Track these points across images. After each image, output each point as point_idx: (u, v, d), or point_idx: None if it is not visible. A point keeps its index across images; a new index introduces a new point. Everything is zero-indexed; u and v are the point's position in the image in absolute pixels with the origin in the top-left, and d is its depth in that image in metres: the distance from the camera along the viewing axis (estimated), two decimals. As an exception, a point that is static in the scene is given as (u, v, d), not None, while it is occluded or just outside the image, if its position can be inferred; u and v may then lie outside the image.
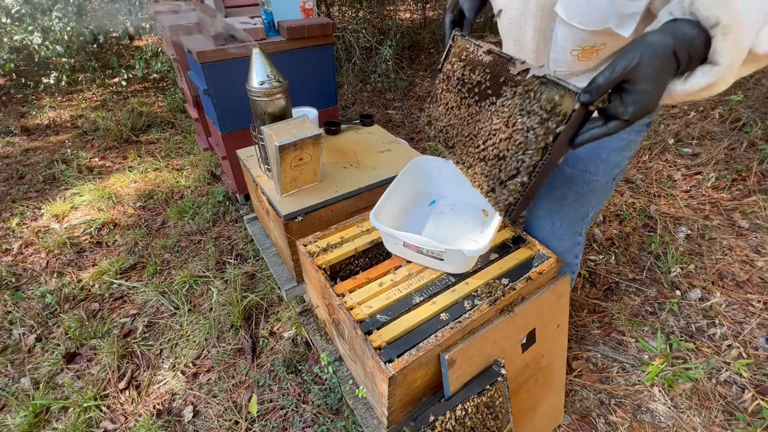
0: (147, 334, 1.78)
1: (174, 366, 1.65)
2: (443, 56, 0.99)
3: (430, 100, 1.04)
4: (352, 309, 0.97)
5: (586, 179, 1.05)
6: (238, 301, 1.83)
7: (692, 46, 0.61)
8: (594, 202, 1.12)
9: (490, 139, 0.84)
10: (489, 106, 0.86)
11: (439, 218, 1.22)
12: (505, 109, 0.80)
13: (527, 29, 0.87)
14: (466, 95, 0.92)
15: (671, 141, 2.80)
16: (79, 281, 2.03)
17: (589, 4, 0.73)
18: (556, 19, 0.81)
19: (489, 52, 0.86)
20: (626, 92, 0.63)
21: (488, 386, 0.98)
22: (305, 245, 1.16)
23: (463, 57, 0.93)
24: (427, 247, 0.98)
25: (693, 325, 1.68)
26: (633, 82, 0.61)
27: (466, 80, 0.92)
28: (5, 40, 3.89)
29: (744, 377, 1.47)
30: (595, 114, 0.70)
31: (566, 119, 0.68)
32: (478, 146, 0.88)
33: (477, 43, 0.90)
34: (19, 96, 4.22)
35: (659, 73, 0.61)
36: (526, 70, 0.77)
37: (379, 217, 1.05)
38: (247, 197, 2.34)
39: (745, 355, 1.54)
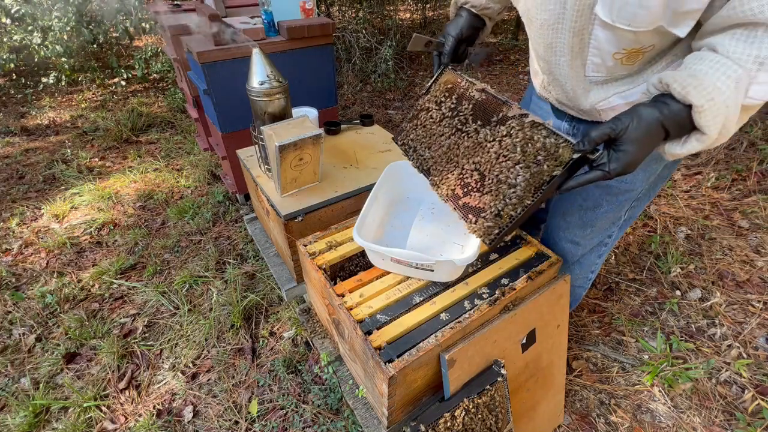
0: (147, 334, 1.78)
1: (174, 366, 1.65)
2: (431, 82, 1.05)
3: (409, 118, 1.08)
4: (352, 309, 0.97)
5: (622, 188, 1.05)
6: (238, 301, 1.83)
7: (679, 118, 0.67)
8: (629, 208, 1.12)
9: (474, 172, 0.88)
10: (473, 138, 0.90)
11: (422, 224, 1.20)
12: (498, 147, 0.85)
13: (563, 32, 0.81)
14: (451, 123, 0.97)
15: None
16: (79, 281, 2.03)
17: (640, 3, 0.66)
18: (594, 22, 0.75)
19: (483, 91, 0.93)
20: (614, 150, 0.70)
21: (488, 386, 0.98)
22: (305, 245, 1.16)
23: (449, 88, 1.00)
24: (418, 261, 0.97)
25: (693, 325, 1.68)
26: (621, 143, 0.69)
27: (452, 110, 0.97)
28: (5, 40, 3.89)
29: (744, 377, 1.47)
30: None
31: (564, 165, 0.74)
32: (459, 174, 0.91)
33: (470, 80, 0.96)
34: (19, 96, 4.22)
35: (645, 140, 0.68)
36: (525, 115, 0.82)
37: (361, 231, 1.01)
38: (247, 197, 2.34)
39: (745, 355, 1.54)
